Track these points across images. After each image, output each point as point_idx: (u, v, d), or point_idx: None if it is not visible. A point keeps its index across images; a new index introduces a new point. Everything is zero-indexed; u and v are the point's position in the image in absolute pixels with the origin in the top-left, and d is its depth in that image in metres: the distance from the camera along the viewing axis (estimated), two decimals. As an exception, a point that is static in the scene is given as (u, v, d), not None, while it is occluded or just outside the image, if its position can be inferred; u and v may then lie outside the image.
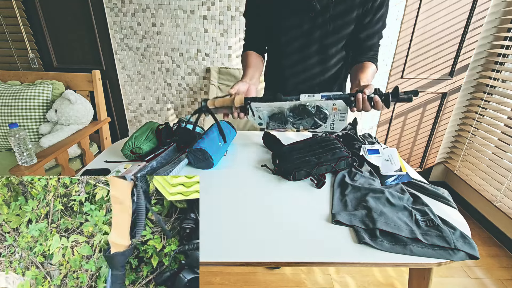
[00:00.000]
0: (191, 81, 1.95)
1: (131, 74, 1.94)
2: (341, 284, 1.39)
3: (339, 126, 0.77)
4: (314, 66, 0.99)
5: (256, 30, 1.02)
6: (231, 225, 0.62)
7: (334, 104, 0.75)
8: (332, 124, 0.77)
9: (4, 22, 1.76)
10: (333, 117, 0.76)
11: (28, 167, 1.20)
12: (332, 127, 0.77)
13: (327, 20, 0.89)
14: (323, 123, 0.76)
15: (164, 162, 0.83)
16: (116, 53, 1.87)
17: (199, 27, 1.79)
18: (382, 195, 0.69)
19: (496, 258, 1.57)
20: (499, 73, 1.71)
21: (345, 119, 0.76)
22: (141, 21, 1.78)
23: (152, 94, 1.99)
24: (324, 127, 0.77)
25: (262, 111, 0.79)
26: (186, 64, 1.89)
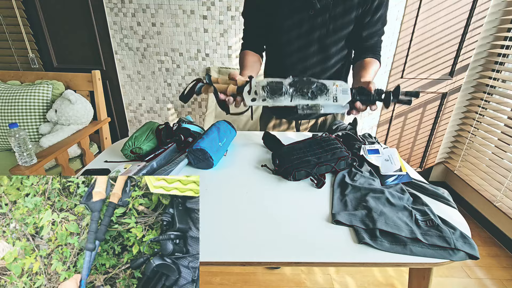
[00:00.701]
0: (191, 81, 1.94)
1: (131, 74, 1.94)
2: (341, 284, 1.39)
3: (343, 98, 0.73)
4: (314, 66, 0.99)
5: (255, 30, 1.02)
6: (231, 225, 0.62)
7: (335, 82, 0.74)
8: (335, 97, 0.73)
9: (4, 22, 1.76)
10: (335, 92, 0.73)
11: (28, 167, 1.20)
12: (335, 100, 0.73)
13: (326, 19, 0.89)
14: (324, 95, 0.73)
15: (164, 162, 0.83)
16: (116, 53, 1.87)
17: (199, 27, 1.79)
18: (382, 195, 0.69)
19: (496, 258, 1.57)
20: (499, 73, 1.71)
21: (347, 93, 0.73)
22: (141, 21, 1.78)
23: (152, 94, 1.99)
24: (326, 99, 0.73)
25: (261, 84, 0.75)
26: (186, 64, 1.89)
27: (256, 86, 0.74)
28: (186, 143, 0.93)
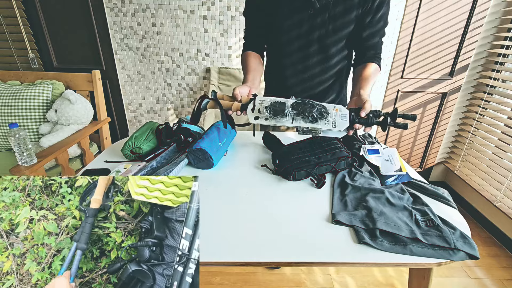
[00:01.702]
0: (191, 81, 1.95)
1: (131, 74, 1.94)
2: (341, 284, 1.39)
3: (341, 124, 0.75)
4: (314, 66, 0.99)
5: (256, 29, 1.02)
6: (231, 225, 0.62)
7: (335, 107, 0.76)
8: (334, 122, 0.75)
9: (4, 22, 1.76)
10: (334, 117, 0.75)
11: (28, 167, 1.20)
12: (334, 125, 0.75)
13: (326, 19, 0.89)
14: (324, 119, 0.75)
15: (164, 162, 0.83)
16: (116, 53, 1.87)
17: (199, 27, 1.79)
18: (382, 195, 0.69)
19: (496, 258, 1.57)
20: (499, 73, 1.71)
21: (346, 119, 0.75)
22: (141, 21, 1.78)
23: (152, 94, 1.99)
24: (325, 123, 0.75)
25: (264, 104, 0.78)
26: (186, 64, 1.89)
27: (260, 105, 0.78)
28: (186, 143, 0.93)
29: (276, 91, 1.11)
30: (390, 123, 0.71)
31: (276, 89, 1.11)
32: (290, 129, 1.19)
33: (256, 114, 0.78)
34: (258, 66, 1.00)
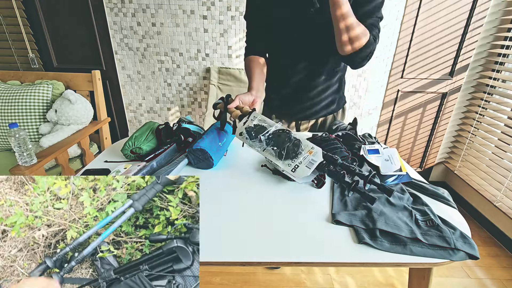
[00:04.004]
0: (191, 81, 1.95)
1: (131, 74, 1.94)
2: (341, 284, 1.39)
3: (301, 173, 0.68)
4: (314, 65, 0.99)
5: (257, 31, 1.02)
6: (231, 225, 0.62)
7: (312, 148, 0.70)
8: (296, 166, 0.69)
9: (4, 22, 1.76)
10: (302, 159, 0.69)
11: (28, 167, 1.20)
12: (294, 170, 0.69)
13: (325, 19, 0.89)
14: (289, 159, 0.70)
15: (164, 162, 0.83)
16: (116, 53, 1.87)
17: (199, 27, 1.79)
18: (382, 195, 0.69)
19: (496, 258, 1.57)
20: (499, 73, 1.71)
21: (310, 168, 0.67)
22: (141, 21, 1.78)
23: (152, 94, 1.99)
24: (288, 164, 0.71)
25: (253, 122, 0.79)
26: (186, 64, 1.89)
27: (250, 121, 0.79)
28: (186, 143, 0.93)
29: (277, 91, 1.11)
30: (359, 189, 0.63)
31: (277, 90, 1.11)
32: (290, 128, 1.19)
33: (243, 130, 0.79)
34: (262, 71, 1.00)
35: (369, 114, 2.03)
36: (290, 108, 1.11)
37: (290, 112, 1.13)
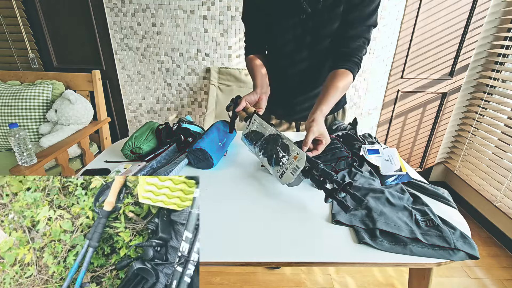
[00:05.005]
0: (191, 81, 1.95)
1: (131, 74, 1.94)
2: (341, 284, 1.39)
3: (286, 179, 0.69)
4: (311, 68, 1.00)
5: (256, 33, 1.02)
6: (231, 225, 0.62)
7: (298, 153, 0.69)
8: (282, 173, 0.70)
9: (4, 22, 1.76)
10: (288, 165, 0.70)
11: (28, 167, 1.20)
12: (281, 176, 0.71)
13: (318, 23, 0.89)
14: (277, 165, 0.72)
15: (164, 162, 0.83)
16: (116, 53, 1.87)
17: (199, 27, 1.79)
18: (382, 195, 0.69)
19: (496, 258, 1.57)
20: (499, 73, 1.71)
21: (294, 175, 0.67)
22: (141, 21, 1.78)
23: (152, 94, 1.99)
24: (277, 170, 0.72)
25: (254, 126, 0.83)
26: (186, 64, 1.89)
27: (251, 124, 0.84)
28: (186, 143, 0.93)
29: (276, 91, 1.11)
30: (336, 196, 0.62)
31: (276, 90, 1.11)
32: (290, 129, 1.19)
33: (247, 131, 0.85)
34: (264, 68, 1.00)
35: (369, 114, 2.03)
36: (289, 109, 1.11)
37: (289, 113, 1.13)
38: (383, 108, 1.99)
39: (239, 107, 0.86)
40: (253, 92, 0.90)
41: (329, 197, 0.62)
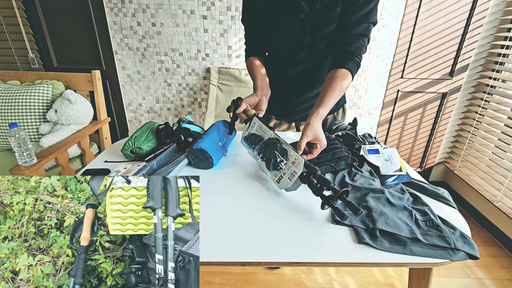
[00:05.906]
0: (191, 81, 1.95)
1: (131, 74, 1.94)
2: (341, 284, 1.39)
3: (284, 184, 0.70)
4: (311, 67, 0.99)
5: (255, 34, 1.03)
6: (231, 225, 0.62)
7: (296, 158, 0.69)
8: (280, 177, 0.71)
9: (4, 22, 1.76)
10: (285, 170, 0.70)
11: (28, 167, 1.20)
12: (279, 181, 0.71)
13: (317, 23, 0.89)
14: (276, 170, 0.72)
15: (164, 162, 0.83)
16: (116, 53, 1.87)
17: (199, 27, 1.79)
18: (382, 195, 0.69)
19: (496, 258, 1.57)
20: (499, 73, 1.71)
21: (292, 180, 0.68)
22: (141, 21, 1.78)
23: (152, 94, 1.99)
24: (274, 175, 0.73)
25: (253, 128, 0.83)
26: (186, 64, 1.89)
27: (251, 127, 0.85)
28: (186, 143, 0.93)
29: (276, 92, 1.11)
30: (332, 203, 0.62)
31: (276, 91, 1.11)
32: (290, 129, 1.19)
33: (246, 134, 0.86)
34: (264, 70, 1.00)
35: (369, 114, 2.03)
36: (289, 109, 1.11)
37: (289, 113, 1.13)
38: (383, 108, 1.99)
39: (240, 109, 0.86)
40: (253, 94, 0.90)
41: (326, 204, 0.63)
